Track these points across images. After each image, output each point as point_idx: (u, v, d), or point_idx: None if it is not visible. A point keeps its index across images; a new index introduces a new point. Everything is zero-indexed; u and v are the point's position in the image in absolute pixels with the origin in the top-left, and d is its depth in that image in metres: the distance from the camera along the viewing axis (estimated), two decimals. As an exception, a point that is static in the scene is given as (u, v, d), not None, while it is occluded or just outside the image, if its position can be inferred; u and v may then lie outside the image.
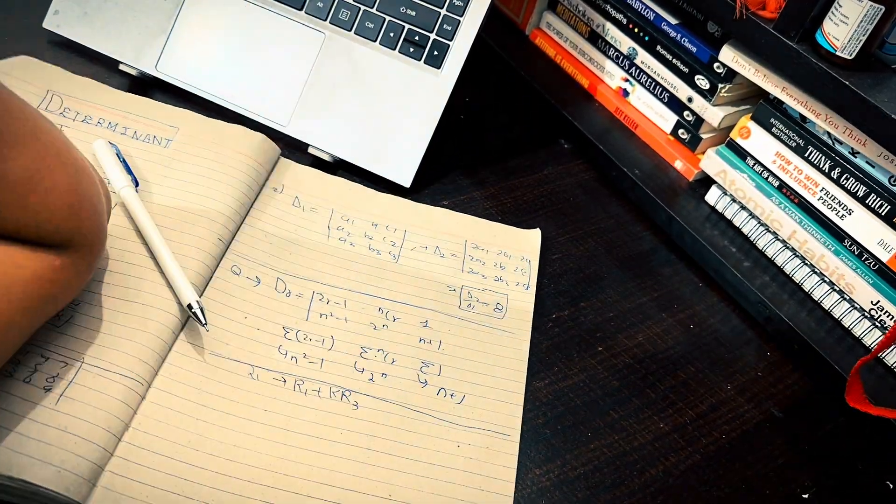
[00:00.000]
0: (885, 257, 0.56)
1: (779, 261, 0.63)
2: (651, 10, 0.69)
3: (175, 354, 0.48)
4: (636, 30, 0.70)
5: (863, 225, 0.57)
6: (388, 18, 0.64)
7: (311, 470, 0.46)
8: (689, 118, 0.69)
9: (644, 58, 0.70)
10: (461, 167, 0.68)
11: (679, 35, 0.67)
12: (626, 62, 0.73)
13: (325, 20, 0.64)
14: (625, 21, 0.71)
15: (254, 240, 0.56)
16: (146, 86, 0.65)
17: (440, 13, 0.63)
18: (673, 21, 0.67)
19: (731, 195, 0.65)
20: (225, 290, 0.53)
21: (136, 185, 0.55)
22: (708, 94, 0.66)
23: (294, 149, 0.64)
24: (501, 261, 0.60)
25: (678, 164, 0.70)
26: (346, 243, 0.58)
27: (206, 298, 0.52)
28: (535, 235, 0.63)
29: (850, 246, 0.59)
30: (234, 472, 0.44)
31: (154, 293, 0.50)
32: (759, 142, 0.63)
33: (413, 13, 0.64)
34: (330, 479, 0.46)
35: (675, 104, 0.70)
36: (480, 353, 0.54)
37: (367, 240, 0.59)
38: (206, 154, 0.59)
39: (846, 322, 0.60)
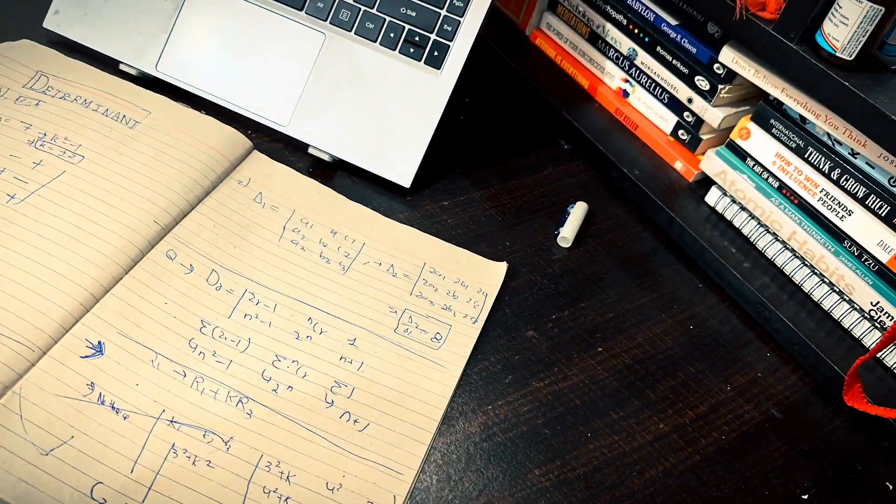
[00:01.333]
0: (884, 258, 0.56)
1: (779, 262, 0.63)
2: (651, 10, 0.69)
3: (81, 327, 0.48)
4: (636, 31, 0.70)
5: (862, 226, 0.57)
6: (388, 19, 0.64)
7: (181, 472, 0.44)
8: (689, 119, 0.69)
9: (644, 59, 0.71)
10: (461, 167, 0.68)
11: (679, 36, 0.67)
12: (626, 63, 0.73)
13: (326, 20, 0.64)
14: (625, 22, 0.71)
15: (200, 227, 0.56)
16: (146, 86, 0.65)
17: (440, 14, 0.63)
18: (673, 22, 0.67)
19: (731, 196, 0.65)
20: (153, 272, 0.52)
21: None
22: (708, 95, 0.66)
23: (294, 149, 0.64)
24: (456, 289, 0.58)
25: (678, 165, 0.70)
26: (297, 246, 0.57)
27: (131, 278, 0.51)
28: (500, 269, 0.60)
29: (850, 247, 0.59)
30: (108, 460, 0.44)
31: (70, 263, 0.50)
32: (759, 143, 0.63)
33: (413, 14, 0.64)
34: (197, 484, 0.44)
35: (675, 105, 0.70)
36: (402, 382, 0.51)
37: (320, 246, 0.58)
38: (167, 139, 0.59)
39: (846, 323, 0.60)
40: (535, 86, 0.76)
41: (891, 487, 0.54)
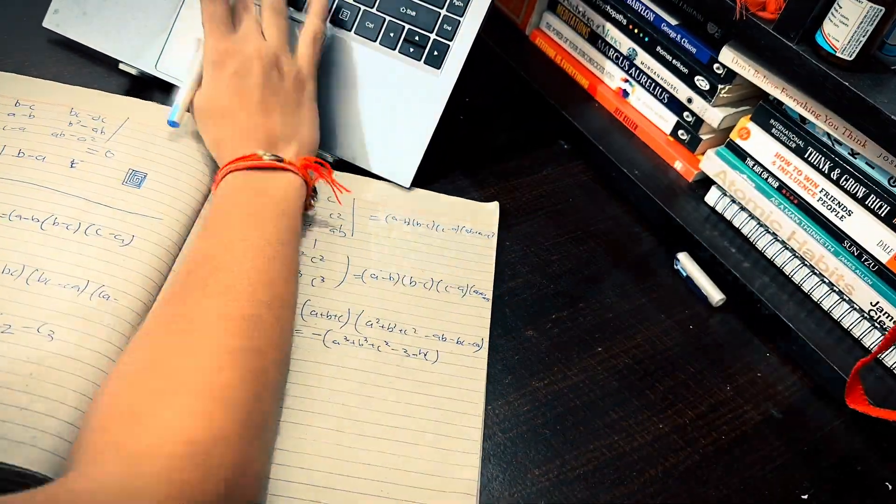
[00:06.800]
0: (884, 258, 0.56)
1: (778, 261, 0.63)
2: (651, 10, 0.69)
3: None
4: (636, 30, 0.70)
5: (862, 226, 0.57)
6: (388, 18, 0.64)
7: None
8: (689, 119, 0.69)
9: (644, 58, 0.70)
10: (461, 167, 0.68)
11: (679, 36, 0.67)
12: (626, 63, 0.73)
13: (326, 20, 0.64)
14: (625, 22, 0.71)
15: None
16: (146, 85, 0.65)
17: (440, 13, 0.63)
18: (673, 22, 0.67)
19: (730, 196, 0.65)
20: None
21: None
22: (708, 95, 0.66)
23: (294, 149, 0.64)
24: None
25: (678, 165, 0.70)
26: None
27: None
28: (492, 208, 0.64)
29: (850, 247, 0.59)
30: None
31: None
32: (759, 143, 0.63)
33: (413, 13, 0.64)
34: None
35: (674, 105, 0.70)
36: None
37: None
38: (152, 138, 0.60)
39: (845, 323, 0.60)
40: (534, 86, 0.76)
41: (890, 487, 0.54)
